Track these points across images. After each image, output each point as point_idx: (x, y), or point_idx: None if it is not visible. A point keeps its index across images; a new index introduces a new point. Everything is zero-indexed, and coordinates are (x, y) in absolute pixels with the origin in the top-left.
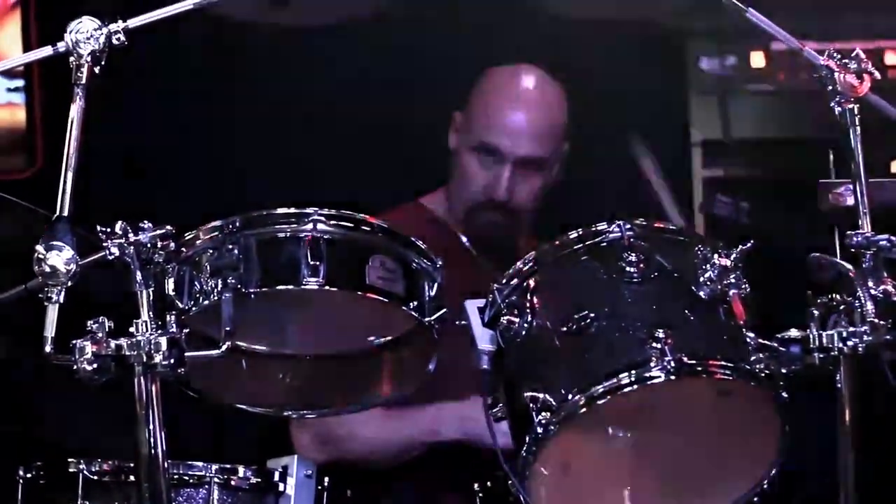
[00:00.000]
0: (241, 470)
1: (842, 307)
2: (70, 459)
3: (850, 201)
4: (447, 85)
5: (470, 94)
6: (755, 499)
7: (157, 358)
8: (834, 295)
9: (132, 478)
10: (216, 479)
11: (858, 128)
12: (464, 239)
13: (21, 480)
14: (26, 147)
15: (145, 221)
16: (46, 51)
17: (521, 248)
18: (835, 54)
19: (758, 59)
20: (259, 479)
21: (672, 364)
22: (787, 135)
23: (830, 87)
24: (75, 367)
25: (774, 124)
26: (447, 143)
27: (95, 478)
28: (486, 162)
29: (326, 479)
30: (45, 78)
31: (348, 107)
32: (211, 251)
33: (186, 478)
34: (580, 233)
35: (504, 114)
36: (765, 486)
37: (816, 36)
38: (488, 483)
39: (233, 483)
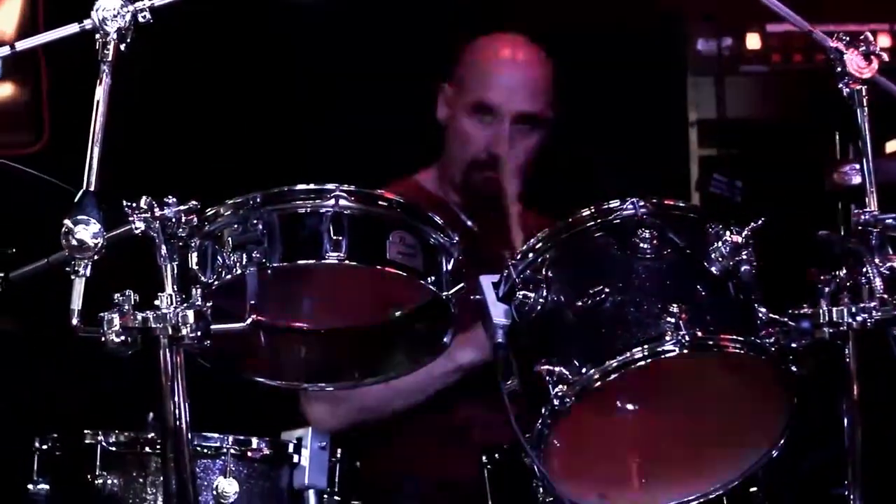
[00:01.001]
0: (255, 441)
1: (848, 283)
2: (86, 431)
3: (855, 181)
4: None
5: (458, 63)
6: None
7: (184, 331)
8: (838, 272)
9: (148, 449)
10: (232, 451)
11: (866, 108)
12: (458, 211)
13: (37, 452)
14: (33, 122)
15: (170, 196)
16: (73, 28)
17: (513, 218)
18: (844, 36)
19: (753, 41)
20: (273, 451)
21: (686, 338)
22: (782, 115)
23: (839, 69)
24: (103, 338)
25: (769, 105)
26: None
27: (113, 449)
28: (483, 122)
29: (339, 450)
30: (51, 54)
31: (336, 85)
32: (236, 225)
33: (203, 449)
34: (593, 209)
35: (498, 71)
36: (773, 456)
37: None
38: (496, 454)
39: (248, 454)
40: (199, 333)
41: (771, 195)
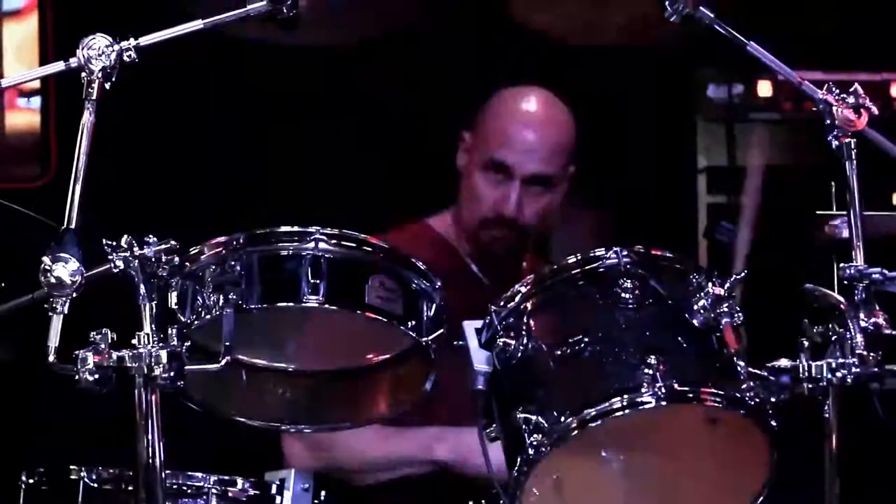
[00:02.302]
0: (239, 482)
1: (834, 338)
2: (72, 466)
3: (846, 234)
4: (454, 106)
5: (479, 114)
6: None
7: (157, 371)
8: (831, 325)
9: (131, 487)
10: (214, 490)
11: (855, 161)
12: (468, 261)
13: (23, 486)
14: (40, 155)
15: (150, 236)
16: (58, 66)
17: (525, 270)
18: (833, 88)
19: (765, 88)
20: (257, 492)
21: (663, 390)
22: (793, 163)
23: (829, 121)
24: (77, 377)
25: (780, 153)
26: (455, 163)
27: (96, 485)
28: (495, 179)
29: (323, 493)
30: (61, 87)
31: (355, 125)
32: (213, 267)
33: (185, 488)
34: (578, 258)
35: (514, 131)
36: None
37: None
38: (483, 502)
39: (230, 494)
40: (172, 374)
41: (780, 244)
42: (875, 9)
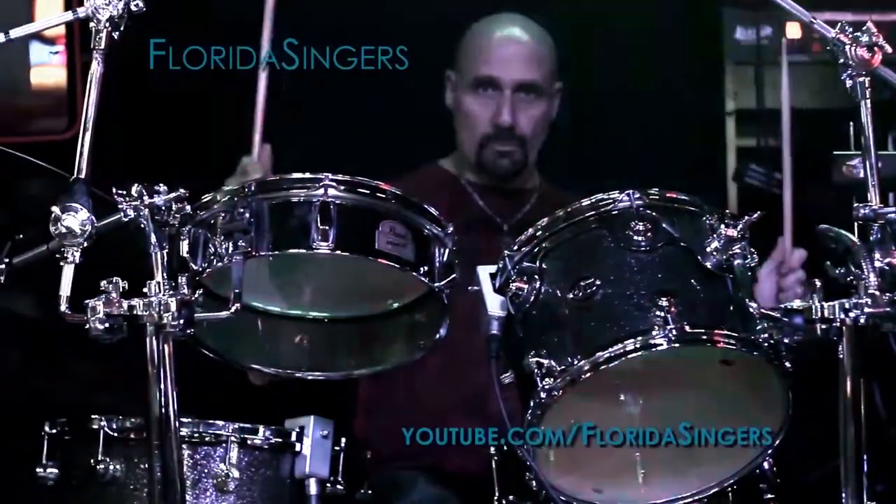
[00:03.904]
0: (261, 430)
1: (849, 278)
2: (93, 416)
3: (862, 174)
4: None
5: (458, 48)
6: (767, 467)
7: (167, 319)
8: (850, 265)
9: None
10: (233, 438)
11: (869, 101)
12: (477, 198)
13: (46, 436)
14: (66, 109)
15: (160, 184)
16: (67, 16)
17: (533, 204)
18: (846, 27)
19: (793, 30)
20: (276, 439)
21: (674, 332)
22: (822, 106)
23: (842, 60)
24: (87, 326)
25: (809, 95)
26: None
27: (116, 434)
28: (485, 96)
29: (343, 440)
30: (86, 40)
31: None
32: (223, 214)
33: (205, 436)
34: (592, 201)
35: (495, 44)
36: (769, 453)
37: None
38: (504, 447)
39: (249, 442)
40: (182, 322)
41: (809, 187)
42: None
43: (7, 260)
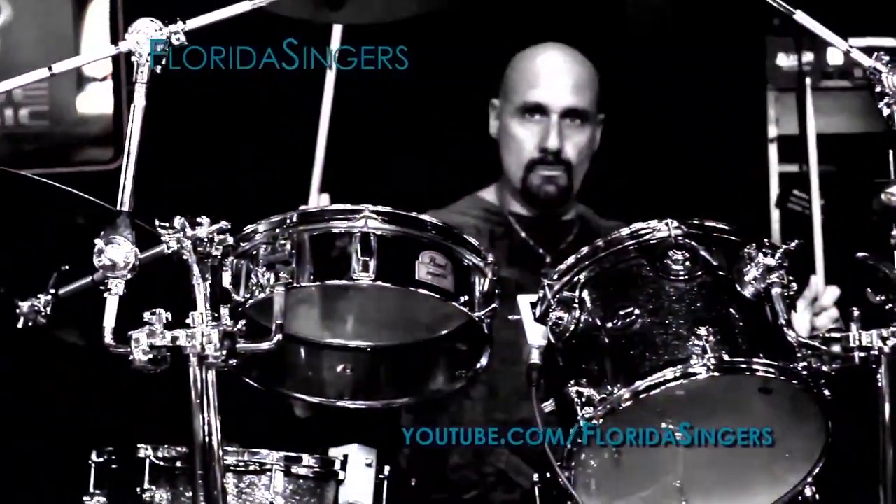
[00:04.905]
0: (305, 458)
1: (889, 306)
2: (139, 445)
3: None
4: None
5: (503, 76)
6: (809, 494)
7: (210, 350)
8: (890, 294)
9: None
10: (278, 466)
11: None
12: (520, 229)
13: (93, 465)
14: (113, 138)
15: (202, 216)
16: (110, 50)
17: (575, 236)
18: (882, 56)
19: (835, 56)
20: (320, 468)
21: (713, 361)
22: (864, 131)
23: (879, 89)
24: (131, 356)
25: (851, 121)
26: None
27: (162, 463)
28: (532, 121)
29: (387, 468)
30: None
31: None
32: (265, 245)
33: (250, 465)
34: (630, 230)
35: (542, 72)
36: (809, 482)
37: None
38: (548, 474)
39: (293, 470)
40: (224, 353)
41: (852, 213)
42: None
43: (53, 291)
